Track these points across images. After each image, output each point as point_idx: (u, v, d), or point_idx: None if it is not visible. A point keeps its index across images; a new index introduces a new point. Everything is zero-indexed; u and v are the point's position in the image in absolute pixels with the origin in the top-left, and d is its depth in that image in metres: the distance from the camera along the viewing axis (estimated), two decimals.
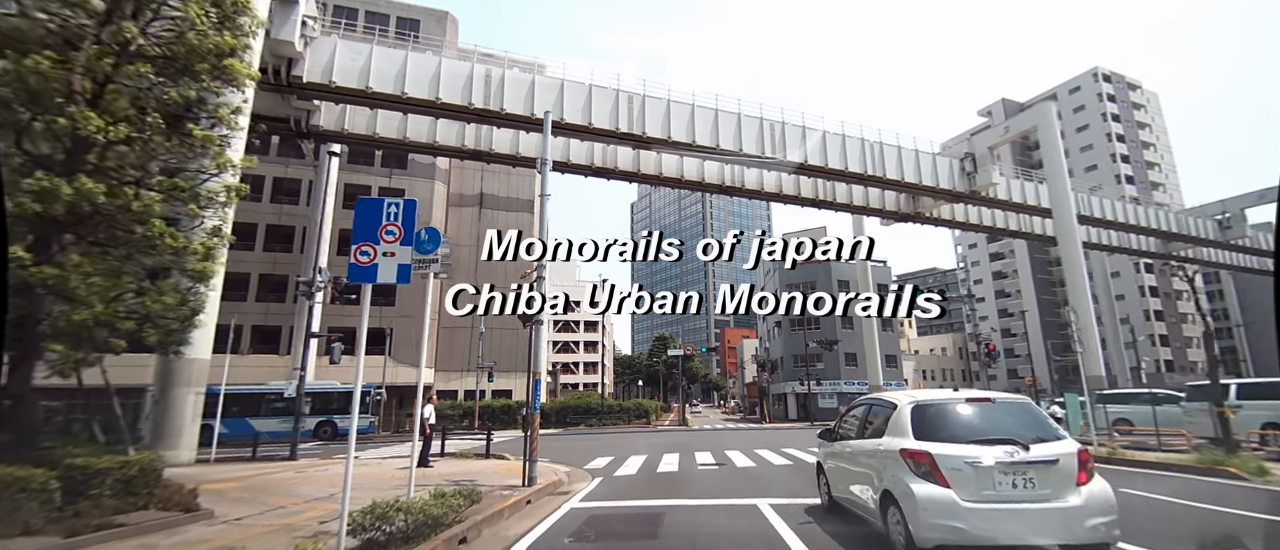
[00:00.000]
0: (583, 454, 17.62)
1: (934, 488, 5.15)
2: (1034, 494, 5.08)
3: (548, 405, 40.98)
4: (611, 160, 34.30)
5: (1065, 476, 5.15)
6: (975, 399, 5.91)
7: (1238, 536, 6.43)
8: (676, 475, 13.05)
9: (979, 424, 5.60)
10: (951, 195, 39.95)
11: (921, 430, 5.62)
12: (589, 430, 36.04)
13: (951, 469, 5.18)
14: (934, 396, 6.05)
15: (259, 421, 28.67)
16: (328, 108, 30.53)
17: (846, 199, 40.44)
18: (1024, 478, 5.13)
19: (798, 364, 48.65)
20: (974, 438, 5.41)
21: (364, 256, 6.42)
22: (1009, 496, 5.08)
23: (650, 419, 43.08)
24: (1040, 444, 5.29)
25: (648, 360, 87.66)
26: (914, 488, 5.22)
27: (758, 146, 33.00)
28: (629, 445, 21.39)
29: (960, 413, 5.75)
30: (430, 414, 15.18)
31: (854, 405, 7.81)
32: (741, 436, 27.50)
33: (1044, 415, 5.86)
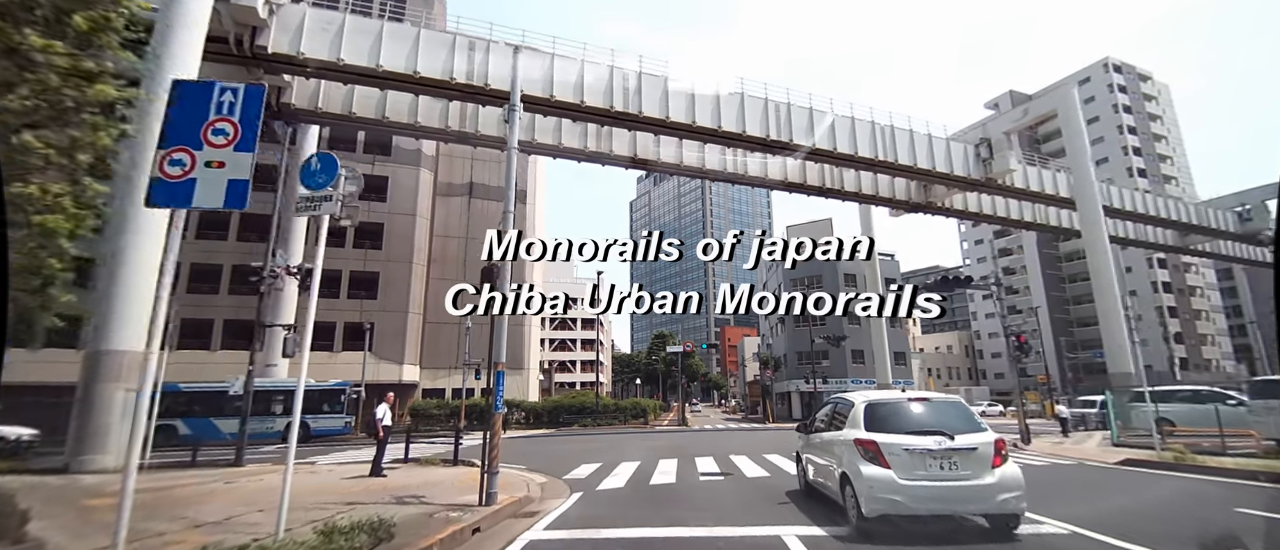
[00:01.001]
0: (567, 459, 15.51)
1: (878, 469, 6.40)
2: (957, 474, 6.33)
3: (539, 404, 38.93)
4: (606, 145, 32.14)
5: (983, 460, 6.39)
6: (916, 398, 7.16)
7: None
8: (674, 488, 10.93)
9: (917, 418, 6.82)
10: (965, 183, 37.83)
11: (871, 423, 6.86)
12: (582, 431, 33.92)
13: (892, 454, 6.41)
14: (883, 396, 7.41)
15: (224, 422, 26.54)
16: (300, 84, 28.40)
17: (855, 187, 38.33)
18: (949, 461, 6.37)
19: (802, 361, 46.48)
20: (912, 429, 6.63)
21: (175, 167, 4.22)
22: (937, 476, 6.33)
23: (648, 419, 40.98)
24: (963, 435, 6.52)
25: (646, 359, 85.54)
26: (863, 469, 6.48)
27: (762, 128, 30.87)
28: (621, 449, 19.25)
29: (903, 409, 6.99)
30: (384, 415, 13.08)
31: (825, 403, 9.01)
32: (746, 438, 25.35)
33: (971, 411, 7.08)
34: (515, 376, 42.33)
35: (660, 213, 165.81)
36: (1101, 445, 21.09)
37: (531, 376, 43.32)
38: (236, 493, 10.47)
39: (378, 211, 37.84)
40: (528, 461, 15.32)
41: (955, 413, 6.98)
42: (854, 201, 40.38)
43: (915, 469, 6.38)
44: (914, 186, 40.90)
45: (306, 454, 20.65)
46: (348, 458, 18.23)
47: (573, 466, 13.88)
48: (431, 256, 41.28)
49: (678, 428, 37.50)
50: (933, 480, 6.35)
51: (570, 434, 30.76)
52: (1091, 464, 14.85)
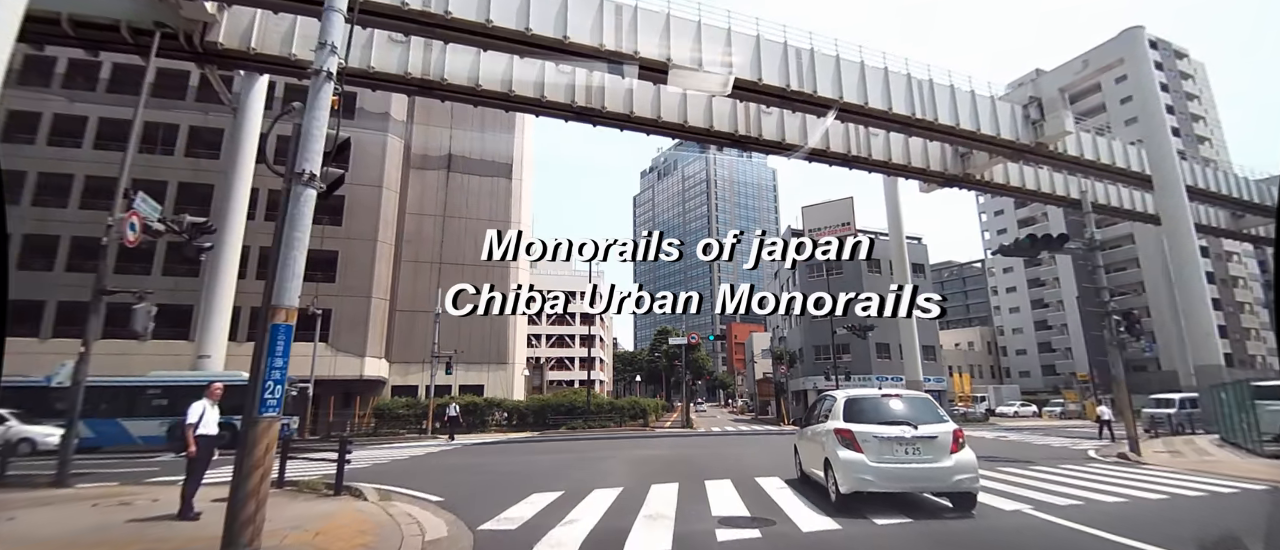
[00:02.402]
0: (517, 483, 10.67)
1: (853, 454, 7.52)
2: (919, 458, 7.46)
3: (523, 404, 34.15)
4: (598, 100, 27.31)
5: (942, 447, 7.52)
6: (888, 394, 8.30)
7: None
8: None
9: (887, 411, 7.92)
10: (1013, 149, 32.87)
11: (849, 415, 7.95)
12: (569, 435, 29.12)
13: (865, 441, 7.54)
14: (861, 392, 8.63)
15: (134, 423, 21.82)
16: (232, 19, 23.66)
17: (883, 155, 33.43)
18: (913, 448, 7.50)
19: (820, 356, 41.63)
20: (882, 420, 7.76)
21: None
22: (902, 459, 7.46)
23: (648, 420, 36.19)
24: (926, 425, 7.65)
25: (649, 356, 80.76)
26: (840, 454, 7.60)
27: (781, 77, 26.11)
28: (604, 463, 14.46)
29: (877, 403, 8.10)
30: (202, 417, 8.28)
31: (818, 399, 9.91)
32: (766, 447, 20.48)
33: (934, 404, 8.24)
34: (498, 373, 37.62)
35: (664, 209, 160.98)
36: (1228, 452, 16.26)
37: (516, 373, 38.55)
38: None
39: None
40: (453, 489, 10.53)
41: (922, 406, 8.04)
42: (882, 173, 35.49)
43: (884, 454, 7.40)
44: (950, 156, 36.03)
45: None
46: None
47: (516, 499, 9.03)
48: (402, 235, 36.52)
49: (681, 430, 32.71)
50: (899, 463, 7.37)
51: (551, 440, 25.96)
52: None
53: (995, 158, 34.87)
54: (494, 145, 40.19)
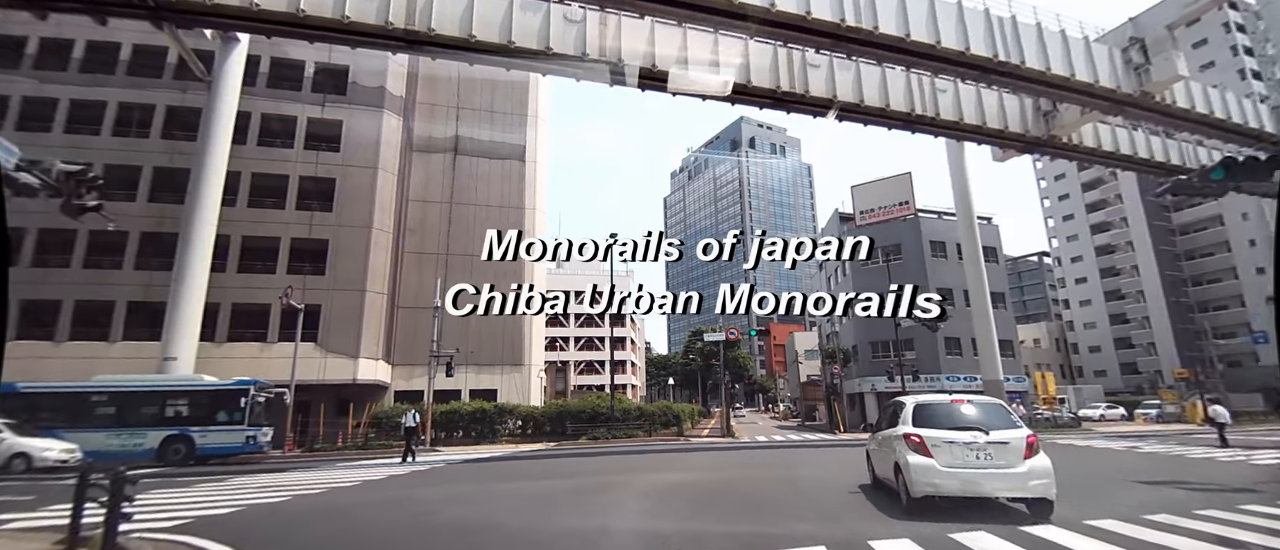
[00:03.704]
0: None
1: (922, 458, 7.59)
2: (991, 463, 7.47)
3: (540, 410, 30.10)
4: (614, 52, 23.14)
5: (1015, 452, 7.48)
6: (958, 400, 8.33)
7: None
8: None
9: (957, 416, 7.98)
10: (1112, 100, 27.53)
11: (918, 420, 8.04)
12: (588, 448, 24.89)
13: (935, 445, 7.61)
14: (929, 398, 8.66)
15: (82, 436, 18.38)
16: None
17: (952, 114, 28.37)
18: (984, 453, 7.50)
19: (877, 354, 36.56)
20: (952, 425, 7.82)
21: None
22: (973, 464, 7.49)
23: (683, 428, 31.71)
24: (998, 431, 7.63)
25: (682, 358, 76.18)
26: (909, 458, 7.66)
27: (834, 11, 21.58)
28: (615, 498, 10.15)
29: (945, 408, 8.17)
30: None
31: (887, 405, 10.08)
32: (834, 464, 15.88)
33: (1007, 409, 8.20)
34: (512, 375, 33.69)
35: (695, 210, 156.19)
36: None
37: (532, 376, 34.56)
38: None
39: (329, 164, 29.69)
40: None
41: (994, 412, 8.06)
42: (949, 136, 30.45)
43: (954, 458, 7.47)
44: (1031, 114, 30.78)
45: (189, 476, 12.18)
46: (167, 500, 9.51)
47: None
48: (404, 224, 32.94)
49: (721, 440, 28.15)
50: (969, 468, 7.43)
51: (561, 455, 21.73)
52: None
53: (1088, 113, 29.50)
54: (504, 124, 36.45)
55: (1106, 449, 19.57)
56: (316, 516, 8.85)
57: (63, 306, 25.96)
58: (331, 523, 8.38)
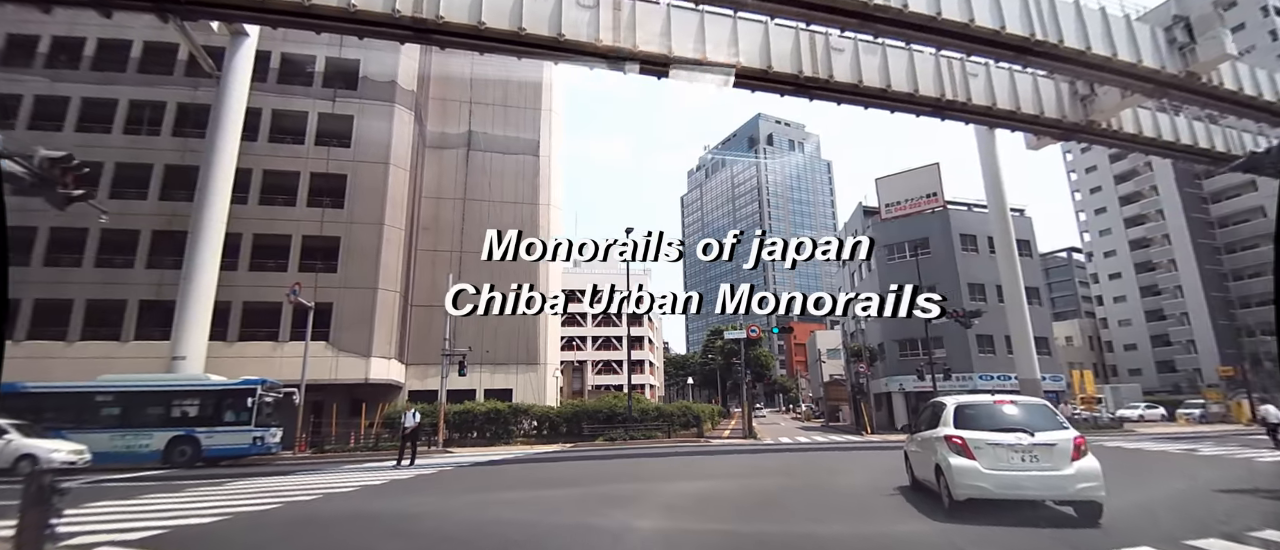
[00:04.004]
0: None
1: (965, 460, 7.42)
2: (1037, 466, 7.26)
3: (555, 411, 29.29)
4: (628, 37, 22.26)
5: (1062, 455, 7.25)
6: (1001, 401, 8.16)
7: None
8: None
9: (1001, 417, 7.79)
10: (1155, 82, 26.04)
11: (960, 421, 7.89)
12: (604, 449, 24.01)
13: (977, 447, 7.42)
14: (970, 399, 8.51)
15: (87, 437, 17.90)
16: None
17: (985, 99, 27.06)
18: (1030, 454, 7.29)
19: (904, 352, 35.19)
20: (996, 427, 7.61)
21: None
22: (1018, 467, 7.28)
23: (703, 429, 30.69)
24: (1043, 432, 7.42)
25: (701, 358, 75.10)
26: (952, 460, 7.50)
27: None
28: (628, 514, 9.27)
29: (988, 409, 8.00)
30: None
31: (926, 406, 9.96)
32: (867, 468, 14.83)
33: (1052, 410, 8.02)
34: (528, 375, 32.98)
35: (712, 208, 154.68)
36: None
37: (548, 376, 33.80)
38: None
39: (340, 160, 29.19)
40: None
41: (1039, 413, 7.86)
42: (982, 122, 29.12)
43: (998, 461, 7.26)
44: (1068, 98, 29.30)
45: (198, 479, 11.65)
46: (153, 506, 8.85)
47: None
48: (418, 221, 32.40)
49: (743, 442, 27.11)
50: (1014, 470, 7.22)
51: (576, 457, 20.87)
52: None
53: (1129, 97, 27.98)
54: (518, 120, 35.77)
55: (1161, 452, 18.20)
56: (301, 527, 8.06)
57: (75, 306, 25.71)
58: (310, 537, 7.57)
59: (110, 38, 28.31)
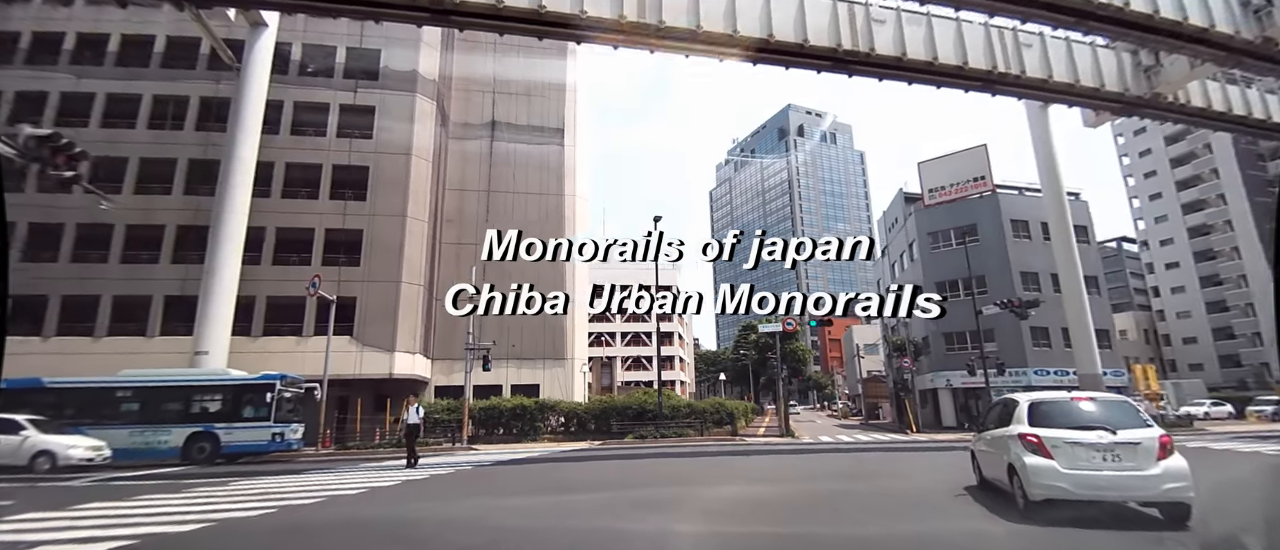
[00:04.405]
0: None
1: (1042, 459, 7.05)
2: (1120, 466, 6.87)
3: (582, 407, 28.32)
4: (654, 13, 21.02)
5: (1147, 454, 6.84)
6: (1078, 397, 7.80)
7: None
8: None
9: (1079, 414, 7.39)
10: (1228, 49, 23.70)
11: (1034, 419, 7.51)
12: (633, 447, 22.89)
13: (1055, 446, 7.05)
14: (1046, 395, 8.13)
15: (106, 433, 17.49)
16: None
17: (1039, 72, 25.15)
18: (1112, 454, 6.90)
19: (952, 346, 33.26)
20: (1074, 424, 7.24)
21: None
22: (1099, 466, 6.90)
23: (736, 427, 29.32)
24: (1126, 430, 7.04)
25: (732, 354, 73.52)
26: (1027, 459, 7.15)
27: None
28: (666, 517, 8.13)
29: (1065, 406, 7.60)
30: None
31: (995, 403, 9.50)
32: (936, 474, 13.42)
33: (1135, 407, 7.63)
34: (555, 370, 32.10)
35: (742, 201, 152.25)
36: None
37: (576, 371, 32.85)
38: None
39: (362, 151, 28.61)
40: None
41: (1120, 410, 7.46)
42: (1036, 97, 27.19)
43: (1078, 460, 6.88)
44: (1130, 69, 27.13)
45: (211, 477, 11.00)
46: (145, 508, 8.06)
47: None
48: (441, 213, 31.71)
49: (781, 441, 25.72)
50: (1095, 470, 6.84)
51: (602, 457, 19.76)
52: None
53: (1198, 66, 25.67)
54: (542, 108, 34.85)
55: (1255, 453, 16.28)
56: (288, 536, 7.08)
57: (102, 302, 25.59)
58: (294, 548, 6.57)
59: (133, 33, 28.22)
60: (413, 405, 15.45)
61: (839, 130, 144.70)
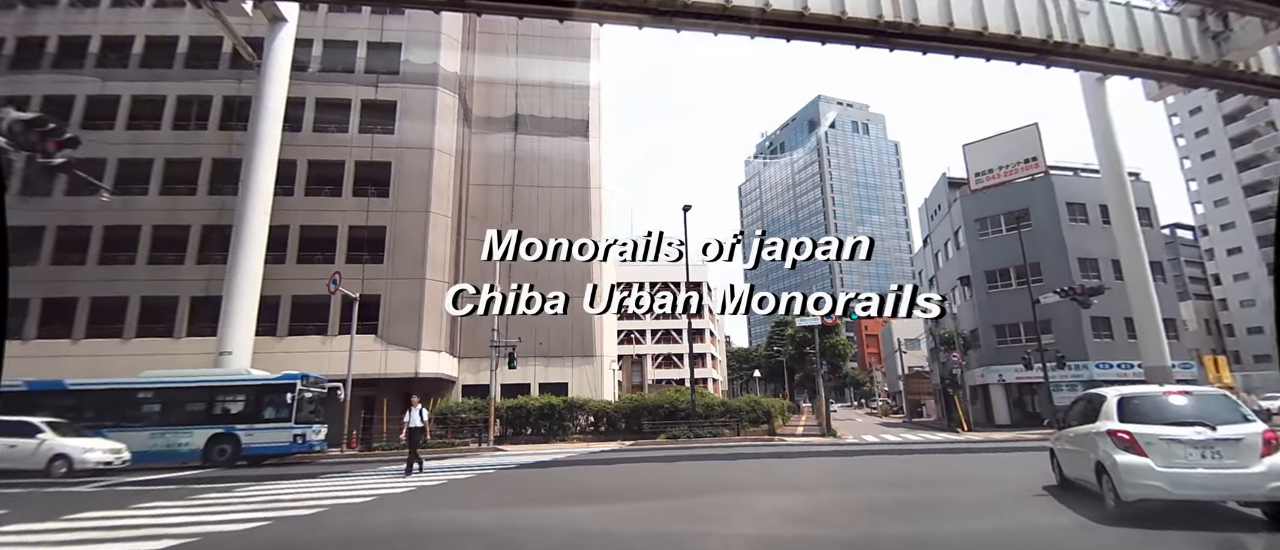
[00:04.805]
0: None
1: (1135, 457, 6.61)
2: (1220, 463, 6.39)
3: (612, 406, 27.36)
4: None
5: (1249, 450, 6.37)
6: (1171, 392, 7.39)
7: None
8: None
9: (1173, 410, 6.95)
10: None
11: (1125, 415, 7.03)
12: (665, 447, 21.74)
13: (1148, 443, 6.61)
14: (1136, 390, 7.77)
15: (126, 435, 17.11)
16: None
17: (1099, 40, 23.21)
18: (1212, 450, 6.42)
19: (1005, 339, 31.30)
20: (1169, 420, 6.78)
21: None
22: (1197, 464, 6.43)
23: (773, 426, 27.94)
24: (1227, 426, 6.54)
25: (766, 350, 71.86)
26: (1118, 457, 6.72)
27: None
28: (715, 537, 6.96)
29: (1157, 401, 7.17)
30: None
31: (1077, 399, 9.05)
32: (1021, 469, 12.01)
33: (1233, 401, 7.09)
34: (584, 368, 31.20)
35: (772, 194, 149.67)
36: None
37: (605, 369, 31.87)
38: None
39: (384, 147, 28.07)
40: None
41: (1218, 404, 6.99)
42: (1094, 68, 25.20)
43: (1173, 458, 6.46)
44: (1197, 34, 24.94)
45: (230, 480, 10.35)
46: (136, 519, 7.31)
47: None
48: (466, 209, 31.04)
49: (824, 441, 24.31)
50: (1193, 468, 6.40)
51: (630, 458, 18.65)
52: None
53: (1274, 30, 23.42)
54: (566, 100, 33.93)
55: None
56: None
57: (129, 304, 25.49)
58: None
59: (157, 35, 28.17)
60: (415, 406, 13.94)
61: (872, 120, 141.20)
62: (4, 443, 14.83)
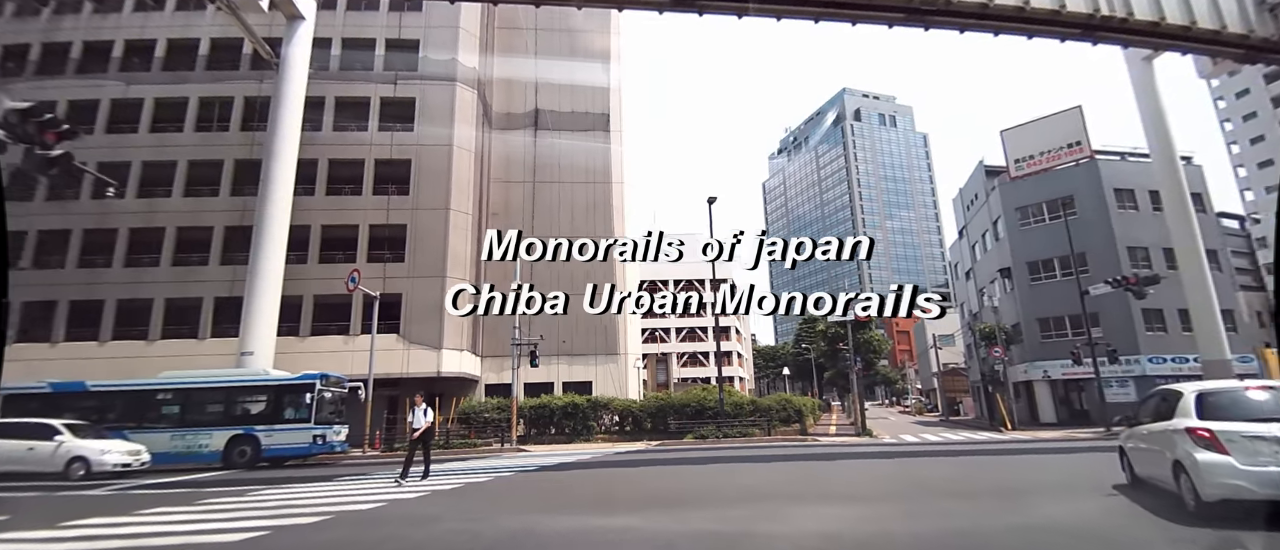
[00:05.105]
0: None
1: (1216, 456, 6.22)
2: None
3: (637, 405, 26.65)
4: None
5: None
6: (1252, 387, 7.07)
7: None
8: None
9: (1256, 406, 6.62)
10: None
11: (1203, 412, 6.68)
12: (693, 448, 20.91)
13: (1229, 440, 6.22)
14: (1213, 385, 7.37)
15: (146, 437, 16.90)
16: None
17: (1149, 13, 21.83)
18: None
19: (1049, 333, 29.78)
20: (1252, 417, 6.42)
21: None
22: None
23: (805, 425, 26.94)
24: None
25: (794, 348, 70.52)
26: (1198, 456, 6.33)
27: None
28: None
29: (1236, 396, 6.88)
30: None
31: (1149, 395, 8.65)
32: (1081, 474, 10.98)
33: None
34: (608, 367, 30.57)
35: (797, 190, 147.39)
36: None
37: (629, 367, 31.17)
38: None
39: (403, 144, 27.74)
40: None
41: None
42: (1144, 44, 23.75)
43: (1258, 455, 6.10)
44: (1254, 7, 23.30)
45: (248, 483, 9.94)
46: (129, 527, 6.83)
47: None
48: (487, 206, 30.59)
49: (859, 442, 23.30)
50: (1278, 466, 6.01)
51: (669, 457, 17.87)
52: None
53: None
54: (586, 95, 33.28)
55: None
56: None
57: (154, 306, 25.51)
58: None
59: (179, 38, 28.24)
60: (419, 405, 12.78)
61: (899, 112, 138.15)
62: (22, 445, 14.64)
